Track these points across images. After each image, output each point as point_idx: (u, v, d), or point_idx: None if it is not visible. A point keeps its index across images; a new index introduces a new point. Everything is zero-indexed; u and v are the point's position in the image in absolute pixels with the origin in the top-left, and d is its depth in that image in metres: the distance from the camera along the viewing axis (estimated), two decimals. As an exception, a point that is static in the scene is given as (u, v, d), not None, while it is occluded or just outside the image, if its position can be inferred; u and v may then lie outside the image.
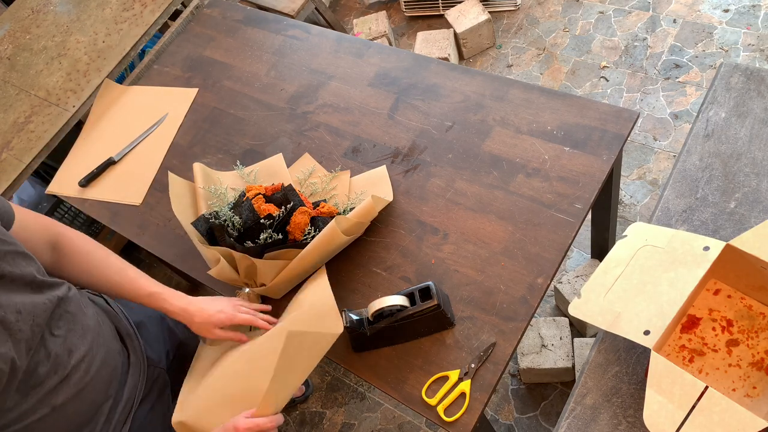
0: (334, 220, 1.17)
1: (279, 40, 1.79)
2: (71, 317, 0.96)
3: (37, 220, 1.04)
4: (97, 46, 1.97)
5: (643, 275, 0.92)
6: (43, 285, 0.93)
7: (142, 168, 1.65)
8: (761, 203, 1.06)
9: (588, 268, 1.83)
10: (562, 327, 1.76)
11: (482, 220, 1.26)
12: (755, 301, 0.94)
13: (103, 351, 1.02)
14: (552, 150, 1.30)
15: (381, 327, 1.11)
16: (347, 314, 1.14)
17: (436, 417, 1.07)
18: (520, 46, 2.58)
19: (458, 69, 1.51)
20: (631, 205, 2.03)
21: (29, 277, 0.90)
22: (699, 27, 2.34)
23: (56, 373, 0.91)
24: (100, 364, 1.00)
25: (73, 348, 0.95)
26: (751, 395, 0.87)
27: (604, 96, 2.30)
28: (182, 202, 1.35)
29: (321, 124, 1.55)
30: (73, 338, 0.95)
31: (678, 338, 0.95)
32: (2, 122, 1.89)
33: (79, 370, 0.95)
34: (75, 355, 0.94)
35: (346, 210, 1.32)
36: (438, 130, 1.43)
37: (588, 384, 0.98)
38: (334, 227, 1.18)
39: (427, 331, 1.15)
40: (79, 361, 0.95)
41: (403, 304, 1.09)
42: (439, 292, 1.11)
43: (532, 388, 1.81)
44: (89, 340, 0.98)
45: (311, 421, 1.97)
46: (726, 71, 1.23)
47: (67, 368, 0.93)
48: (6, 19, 2.20)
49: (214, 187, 1.38)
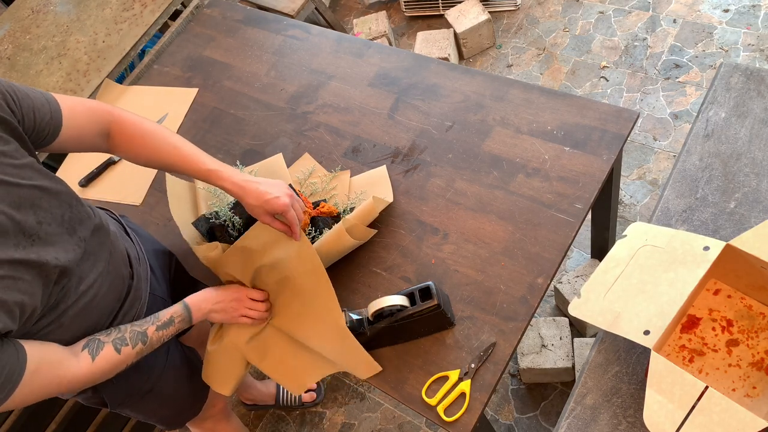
0: (342, 221, 1.17)
1: (279, 40, 1.79)
2: (87, 246, 0.97)
3: (87, 108, 1.02)
4: (97, 46, 1.97)
5: (643, 275, 0.92)
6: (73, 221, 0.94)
7: (142, 168, 1.64)
8: (761, 203, 1.06)
9: (588, 268, 1.83)
10: (562, 327, 1.76)
11: (482, 220, 1.26)
12: (755, 301, 0.94)
13: (110, 279, 1.02)
14: (552, 150, 1.30)
15: (381, 327, 1.11)
16: (347, 314, 1.14)
17: (436, 417, 1.07)
18: (520, 46, 2.58)
19: (458, 69, 1.51)
20: (631, 205, 2.03)
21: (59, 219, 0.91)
22: (699, 27, 2.34)
23: (64, 301, 0.92)
24: (106, 290, 1.00)
25: (84, 276, 0.95)
26: (751, 395, 0.87)
27: (604, 96, 2.30)
28: (181, 204, 1.35)
29: (321, 124, 1.55)
30: (84, 267, 0.96)
31: (678, 338, 0.95)
32: (2, 122, 1.89)
33: (86, 295, 0.96)
34: (84, 283, 0.95)
35: (346, 210, 1.33)
36: (438, 130, 1.43)
37: (588, 384, 0.98)
38: (340, 228, 1.18)
39: (427, 331, 1.15)
40: (87, 288, 0.96)
41: (403, 304, 1.09)
42: (439, 292, 1.10)
43: (532, 388, 1.81)
44: (99, 269, 0.99)
45: (311, 421, 1.97)
46: (726, 71, 1.23)
47: (76, 296, 0.94)
48: (6, 19, 2.20)
49: (213, 188, 1.39)
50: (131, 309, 1.08)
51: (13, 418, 1.62)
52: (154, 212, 1.55)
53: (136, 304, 1.10)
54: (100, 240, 1.01)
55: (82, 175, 1.66)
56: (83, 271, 0.95)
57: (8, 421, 1.62)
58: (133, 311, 1.08)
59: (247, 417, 2.04)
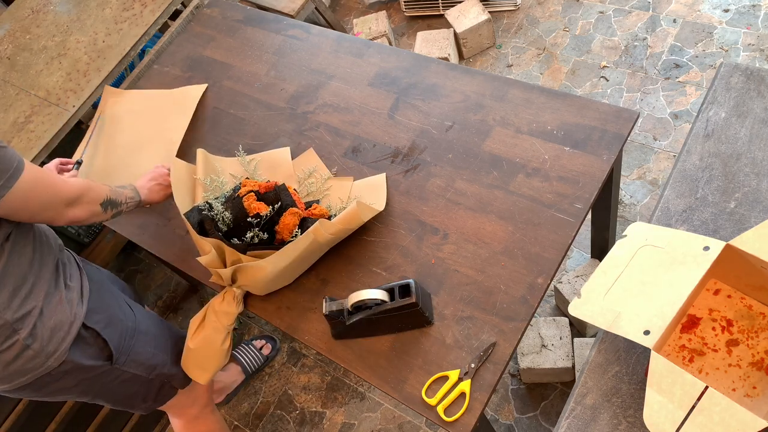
0: (318, 222, 1.19)
1: (279, 40, 1.79)
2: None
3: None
4: (97, 46, 1.97)
5: (643, 275, 0.92)
6: None
7: (111, 167, 1.64)
8: (761, 203, 1.06)
9: (588, 268, 1.83)
10: (562, 327, 1.76)
11: (482, 219, 1.26)
12: (755, 301, 0.94)
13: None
14: (552, 150, 1.30)
15: (359, 318, 1.13)
16: (328, 302, 1.16)
17: (436, 417, 1.07)
18: (520, 46, 2.58)
19: (458, 69, 1.51)
20: (631, 205, 2.03)
21: None
22: (699, 27, 2.34)
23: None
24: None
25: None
26: (751, 395, 0.87)
27: (604, 96, 2.30)
28: (182, 189, 1.37)
29: (321, 124, 1.55)
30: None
31: (678, 338, 0.95)
32: (2, 122, 1.89)
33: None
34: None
35: (338, 213, 1.33)
36: (438, 130, 1.43)
37: (588, 384, 0.98)
38: (317, 229, 1.19)
39: (404, 326, 1.16)
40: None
41: (382, 299, 1.11)
42: (418, 290, 1.12)
43: (532, 388, 1.81)
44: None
45: (311, 421, 1.97)
46: (726, 71, 1.23)
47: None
48: (6, 19, 2.20)
49: (210, 178, 1.39)
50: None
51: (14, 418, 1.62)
52: (155, 212, 1.55)
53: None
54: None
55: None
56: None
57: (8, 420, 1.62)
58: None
59: (246, 417, 2.04)
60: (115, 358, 1.25)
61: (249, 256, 1.22)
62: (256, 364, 2.06)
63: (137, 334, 1.31)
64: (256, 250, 1.23)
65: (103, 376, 1.26)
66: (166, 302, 2.42)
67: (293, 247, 1.20)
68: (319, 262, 1.31)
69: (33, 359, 1.13)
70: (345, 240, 1.31)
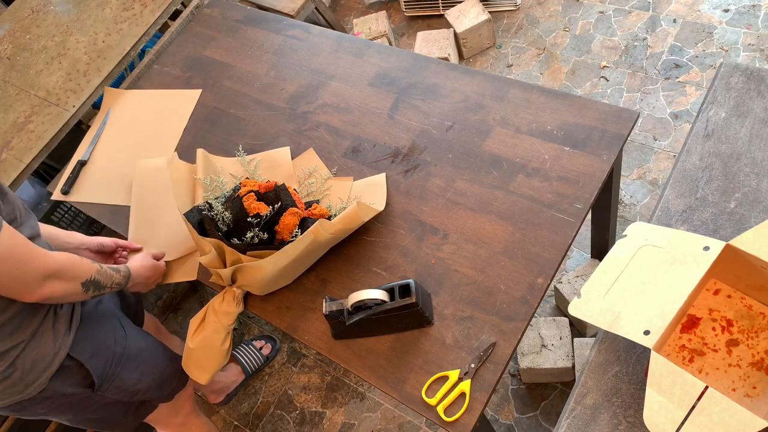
0: (318, 222, 1.19)
1: (279, 40, 1.79)
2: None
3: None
4: (97, 46, 1.97)
5: (643, 275, 0.92)
6: None
7: (116, 165, 1.64)
8: (761, 203, 1.06)
9: (588, 268, 1.83)
10: (562, 327, 1.75)
11: (482, 220, 1.26)
12: (755, 301, 0.94)
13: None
14: (552, 150, 1.30)
15: (359, 318, 1.13)
16: (328, 302, 1.16)
17: (436, 417, 1.07)
18: (520, 46, 2.58)
19: (458, 69, 1.51)
20: (631, 205, 2.03)
21: None
22: (699, 27, 2.34)
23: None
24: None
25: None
26: (751, 395, 0.87)
27: (604, 96, 2.30)
28: (182, 189, 1.37)
29: (321, 124, 1.55)
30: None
31: (678, 338, 0.95)
32: (2, 122, 1.89)
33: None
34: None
35: (338, 213, 1.33)
36: (438, 130, 1.43)
37: (588, 384, 0.98)
38: (316, 229, 1.19)
39: (404, 327, 1.16)
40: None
41: (382, 299, 1.11)
42: (418, 290, 1.12)
43: (532, 388, 1.81)
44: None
45: (311, 421, 1.97)
46: (726, 71, 1.23)
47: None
48: (6, 19, 2.20)
49: (210, 178, 1.39)
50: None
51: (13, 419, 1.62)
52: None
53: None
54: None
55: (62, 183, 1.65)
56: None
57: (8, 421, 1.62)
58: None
59: (246, 417, 2.04)
60: (97, 386, 1.24)
61: (249, 256, 1.22)
62: (256, 364, 2.06)
63: (124, 361, 1.30)
64: (256, 250, 1.23)
65: (83, 401, 1.26)
66: (166, 302, 2.42)
67: (293, 247, 1.20)
68: (319, 262, 1.31)
69: (12, 387, 1.12)
70: (345, 240, 1.31)
